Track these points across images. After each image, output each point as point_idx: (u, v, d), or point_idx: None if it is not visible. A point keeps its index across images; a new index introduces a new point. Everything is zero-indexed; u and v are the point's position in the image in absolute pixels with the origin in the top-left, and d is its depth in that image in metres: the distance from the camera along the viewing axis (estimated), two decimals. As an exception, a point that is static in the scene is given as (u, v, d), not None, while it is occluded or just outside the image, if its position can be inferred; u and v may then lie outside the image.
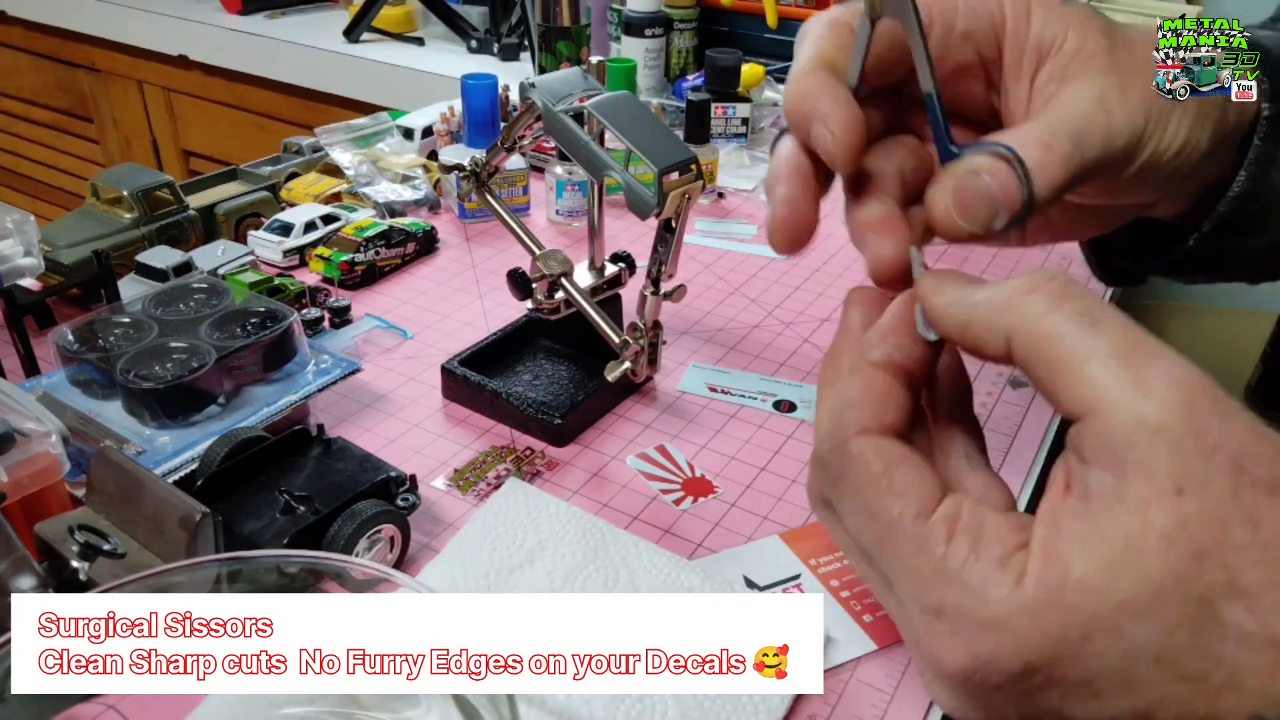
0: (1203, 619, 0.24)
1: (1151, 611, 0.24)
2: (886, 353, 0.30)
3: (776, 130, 1.09)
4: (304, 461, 0.50)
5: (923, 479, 0.28)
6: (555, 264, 0.56)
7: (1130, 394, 0.25)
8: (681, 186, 0.49)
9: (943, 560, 0.27)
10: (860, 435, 0.29)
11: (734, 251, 0.85)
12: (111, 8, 1.68)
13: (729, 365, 0.67)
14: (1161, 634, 0.24)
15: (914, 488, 0.28)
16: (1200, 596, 0.24)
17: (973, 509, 0.28)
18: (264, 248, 0.77)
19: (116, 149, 1.88)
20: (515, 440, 0.59)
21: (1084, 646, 0.25)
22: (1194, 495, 0.24)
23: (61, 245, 0.70)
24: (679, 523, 0.52)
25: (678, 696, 0.39)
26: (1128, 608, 0.24)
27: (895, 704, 0.42)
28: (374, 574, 0.36)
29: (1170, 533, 0.24)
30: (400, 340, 0.69)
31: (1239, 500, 0.24)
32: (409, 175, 0.89)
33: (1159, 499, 0.24)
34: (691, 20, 1.23)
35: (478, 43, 1.48)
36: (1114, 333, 0.26)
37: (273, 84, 1.54)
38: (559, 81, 0.55)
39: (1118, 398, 0.25)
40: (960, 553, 0.27)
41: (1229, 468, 0.24)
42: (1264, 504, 0.24)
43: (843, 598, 0.46)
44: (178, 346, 0.55)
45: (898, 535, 0.28)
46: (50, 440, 0.44)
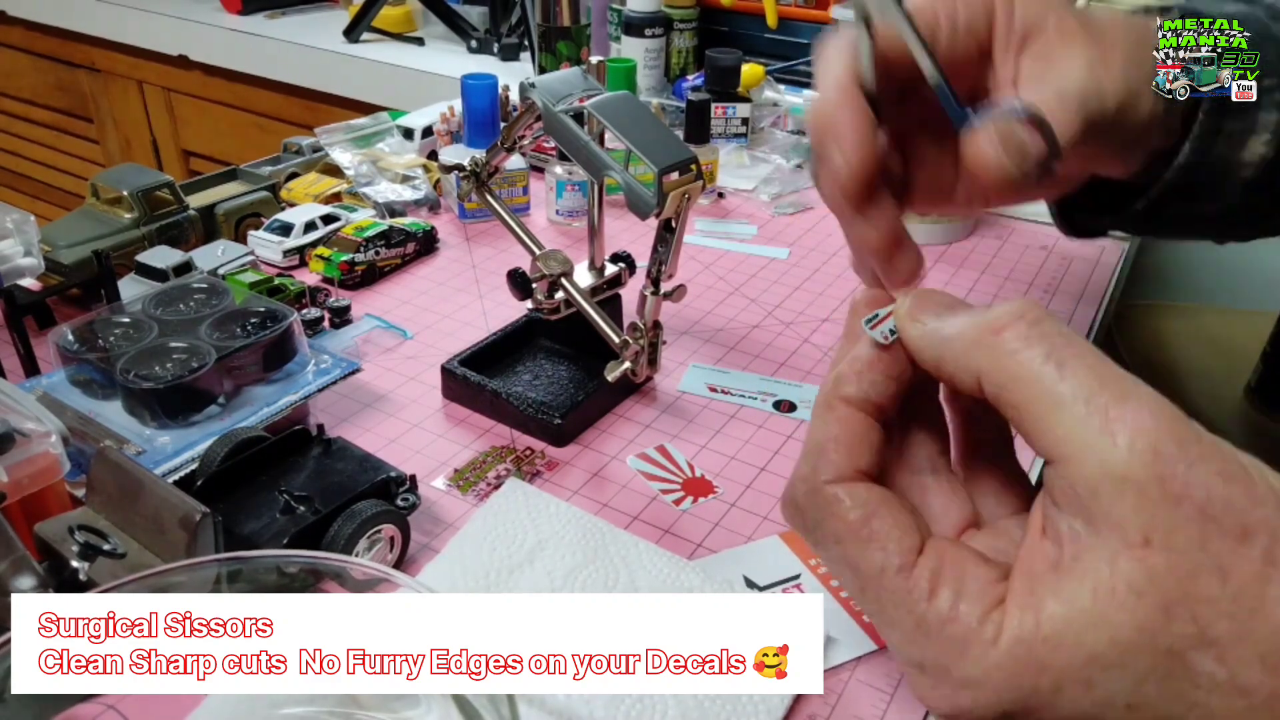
0: (1172, 668, 0.24)
1: (1120, 665, 0.25)
2: (858, 390, 0.30)
3: (779, 130, 1.09)
4: (304, 461, 0.50)
5: (901, 527, 0.29)
6: (555, 264, 0.56)
7: (1095, 442, 0.25)
8: (681, 186, 0.49)
9: (924, 617, 0.27)
10: (839, 484, 0.29)
11: (734, 251, 0.85)
12: (111, 8, 1.68)
13: (729, 365, 0.67)
14: (1130, 684, 0.25)
15: (894, 539, 0.28)
16: (1169, 649, 0.24)
17: (954, 560, 0.28)
18: (264, 248, 0.77)
19: (116, 149, 1.88)
20: (515, 440, 0.59)
21: (1055, 698, 0.26)
22: (1161, 547, 0.24)
23: (61, 245, 0.70)
24: (679, 523, 0.52)
25: (678, 696, 0.39)
26: (1096, 662, 0.25)
27: (895, 704, 0.42)
28: (374, 574, 0.36)
29: (1138, 586, 0.24)
30: (400, 340, 0.69)
31: (1207, 550, 0.24)
32: (409, 175, 0.89)
33: (1126, 551, 0.24)
34: (691, 20, 1.23)
35: (478, 43, 1.48)
36: (1081, 375, 0.26)
37: (273, 84, 1.54)
38: (559, 81, 0.55)
39: (1083, 446, 0.25)
40: (941, 610, 0.27)
41: (1196, 517, 0.24)
42: (1233, 552, 0.24)
43: (843, 597, 0.46)
44: (178, 346, 0.55)
45: (881, 587, 0.28)
46: (50, 440, 0.44)
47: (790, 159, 1.03)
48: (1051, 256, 0.84)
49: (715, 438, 0.59)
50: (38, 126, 2.03)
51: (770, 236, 0.88)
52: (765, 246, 0.86)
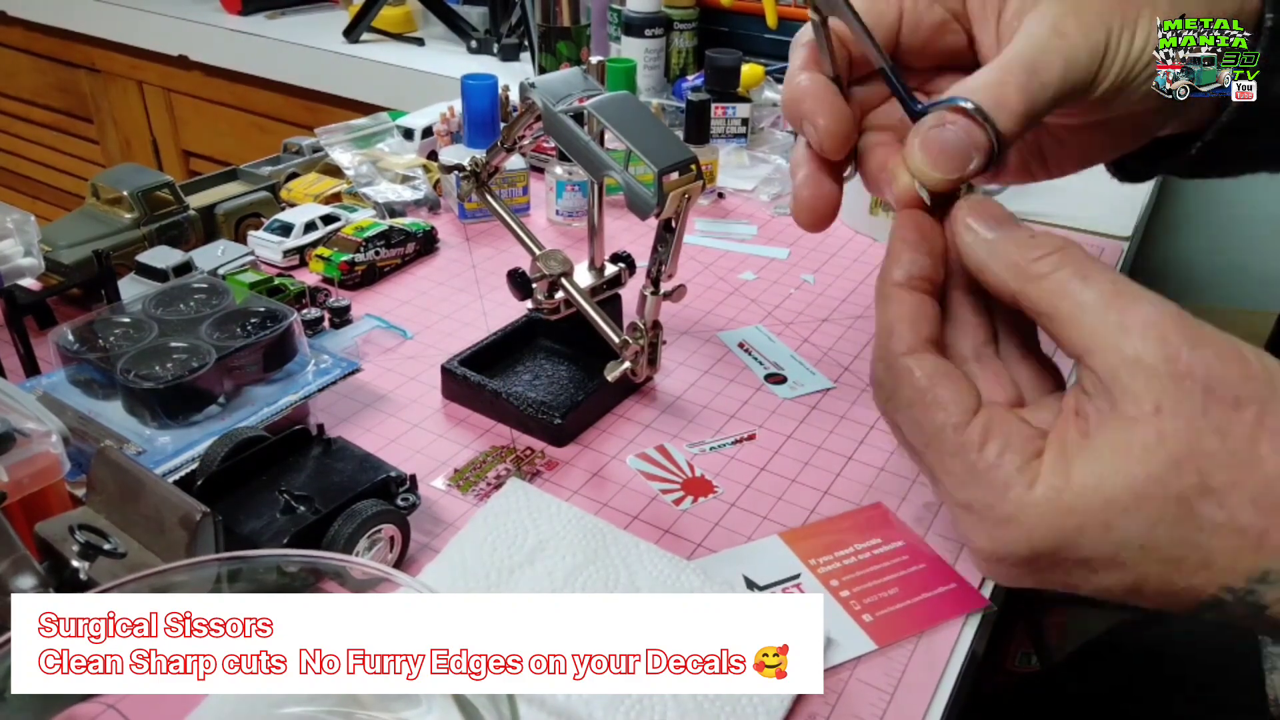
0: (1181, 514, 0.29)
1: (1135, 509, 0.29)
2: (906, 270, 0.35)
3: (779, 130, 1.09)
4: (304, 461, 0.50)
5: (959, 393, 0.33)
6: (555, 264, 0.56)
7: (1114, 335, 0.30)
8: (681, 186, 0.49)
9: (974, 465, 0.32)
10: (906, 354, 0.34)
11: (734, 251, 0.85)
12: (111, 8, 1.68)
13: (729, 365, 0.67)
14: (1145, 527, 0.30)
15: (953, 401, 0.33)
16: (1178, 496, 0.29)
17: (1002, 420, 0.33)
18: (264, 248, 0.77)
19: (116, 149, 1.88)
20: (515, 440, 0.59)
21: (1079, 538, 0.30)
22: (1169, 413, 0.29)
23: (62, 245, 0.70)
24: (679, 522, 0.52)
25: (677, 696, 0.39)
26: (1114, 505, 0.30)
27: (895, 704, 0.42)
28: (374, 574, 0.36)
29: (1150, 445, 0.29)
30: (400, 340, 0.69)
31: (1208, 415, 0.29)
32: (409, 175, 0.89)
33: (1141, 418, 0.29)
34: (691, 20, 1.23)
35: (478, 43, 1.48)
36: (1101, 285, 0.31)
37: (273, 84, 1.54)
38: (559, 81, 0.55)
39: (1104, 340, 0.30)
40: (989, 459, 0.32)
41: (1199, 389, 0.29)
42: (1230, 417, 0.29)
43: (843, 597, 0.47)
44: (178, 346, 0.55)
45: (940, 442, 0.33)
46: (50, 440, 0.44)
47: (790, 159, 1.03)
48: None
49: (716, 436, 0.59)
50: (38, 126, 2.03)
51: (770, 236, 0.88)
52: (765, 246, 0.86)
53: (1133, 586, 0.31)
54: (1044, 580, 0.33)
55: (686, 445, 0.58)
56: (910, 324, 0.35)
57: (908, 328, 0.34)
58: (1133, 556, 0.30)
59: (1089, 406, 0.31)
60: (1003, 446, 0.32)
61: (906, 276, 0.35)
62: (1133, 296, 0.30)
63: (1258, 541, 0.29)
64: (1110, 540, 0.30)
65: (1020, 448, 0.32)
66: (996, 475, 0.32)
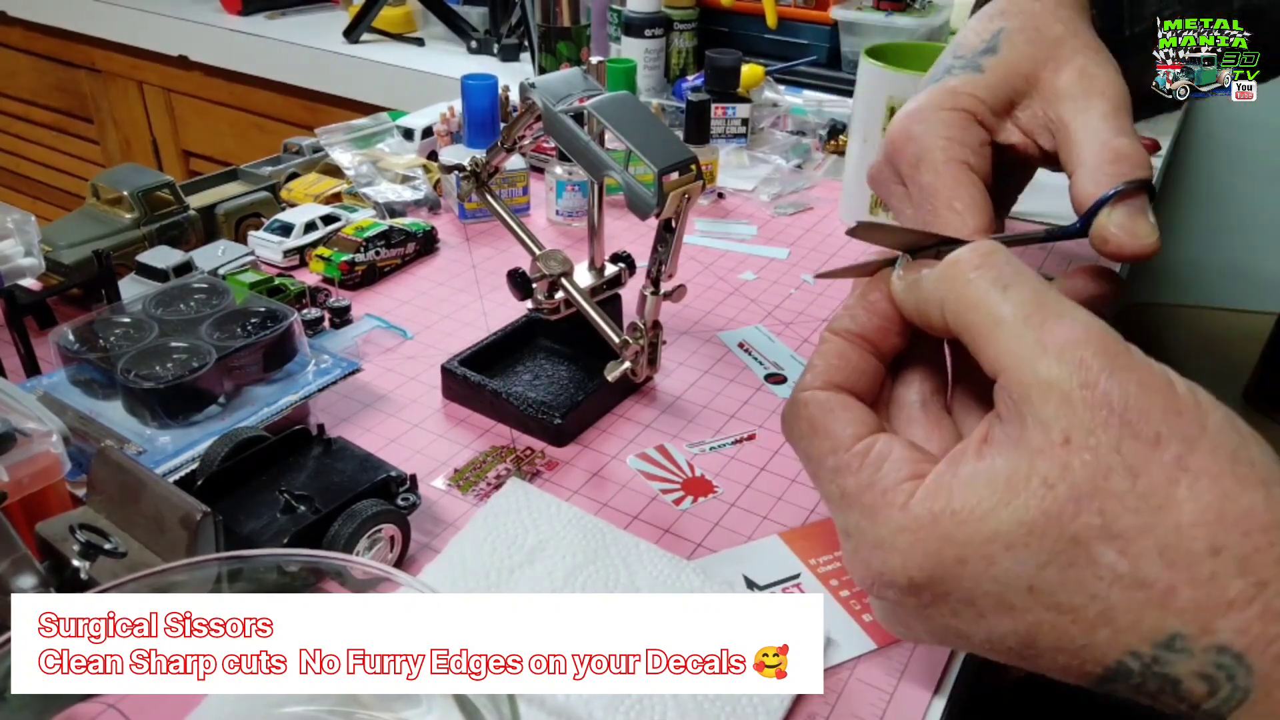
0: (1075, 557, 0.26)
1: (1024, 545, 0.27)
2: (843, 323, 0.36)
3: (779, 130, 1.09)
4: (304, 461, 0.50)
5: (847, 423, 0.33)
6: (555, 264, 0.56)
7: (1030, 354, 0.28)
8: (681, 186, 0.49)
9: (846, 488, 0.31)
10: (804, 389, 0.34)
11: (734, 251, 0.85)
12: (111, 8, 1.68)
13: (729, 365, 0.67)
14: (1033, 567, 0.27)
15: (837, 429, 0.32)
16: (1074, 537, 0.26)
17: (886, 444, 0.31)
18: (264, 248, 0.77)
19: (116, 149, 1.88)
20: (515, 440, 0.59)
21: (959, 569, 0.28)
22: (1079, 446, 0.26)
23: (62, 245, 0.70)
24: (679, 522, 0.52)
25: (677, 696, 0.39)
26: (999, 540, 0.27)
27: (895, 704, 0.42)
28: (374, 573, 0.36)
29: (1051, 478, 0.26)
30: (400, 340, 0.69)
31: (1121, 451, 0.26)
32: (409, 175, 0.89)
33: (1048, 448, 0.27)
34: (691, 20, 1.23)
35: (478, 43, 1.48)
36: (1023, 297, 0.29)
37: (273, 84, 1.54)
38: (559, 81, 0.55)
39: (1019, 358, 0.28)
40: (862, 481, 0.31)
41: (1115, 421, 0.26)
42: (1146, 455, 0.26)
43: (842, 597, 0.47)
44: (178, 346, 0.55)
45: (820, 467, 0.33)
46: (51, 440, 0.44)
47: (790, 159, 1.03)
48: (1051, 256, 0.84)
49: (715, 435, 0.59)
50: (38, 126, 2.03)
51: (770, 236, 0.88)
52: (765, 246, 0.86)
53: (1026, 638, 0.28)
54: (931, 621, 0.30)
55: (686, 445, 0.58)
56: (823, 364, 0.35)
57: (820, 368, 0.35)
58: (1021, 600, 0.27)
59: (997, 430, 0.29)
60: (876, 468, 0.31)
61: (842, 326, 0.37)
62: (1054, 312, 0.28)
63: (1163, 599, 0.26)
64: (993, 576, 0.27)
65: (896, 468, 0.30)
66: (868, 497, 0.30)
